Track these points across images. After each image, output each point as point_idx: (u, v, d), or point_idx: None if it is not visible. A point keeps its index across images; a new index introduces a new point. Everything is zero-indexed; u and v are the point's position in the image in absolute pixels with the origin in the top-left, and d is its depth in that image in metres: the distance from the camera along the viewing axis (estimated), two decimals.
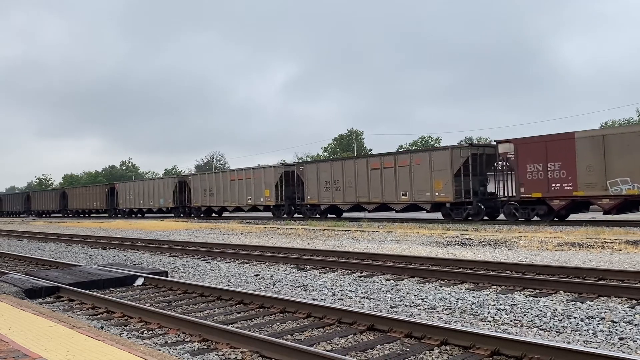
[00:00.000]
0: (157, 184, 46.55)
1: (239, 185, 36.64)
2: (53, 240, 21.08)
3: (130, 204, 49.13)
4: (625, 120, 70.45)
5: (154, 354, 4.54)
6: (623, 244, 12.89)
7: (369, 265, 10.25)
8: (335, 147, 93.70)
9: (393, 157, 27.04)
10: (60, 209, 60.91)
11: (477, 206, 23.82)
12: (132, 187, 49.45)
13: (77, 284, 8.83)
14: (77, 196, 58.32)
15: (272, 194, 34.11)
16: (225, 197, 37.89)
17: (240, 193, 36.50)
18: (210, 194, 39.31)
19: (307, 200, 31.60)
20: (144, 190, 47.31)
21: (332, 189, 30.07)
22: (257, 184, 35.07)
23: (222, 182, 38.16)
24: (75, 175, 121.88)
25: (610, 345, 5.06)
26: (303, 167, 32.63)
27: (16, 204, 72.50)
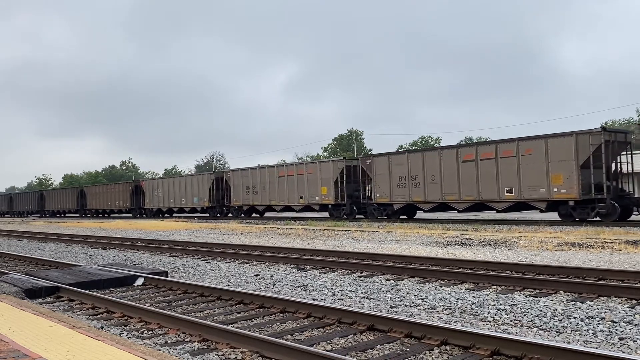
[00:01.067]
0: (190, 181, 42.51)
1: (288, 181, 32.87)
2: (53, 240, 21.08)
3: (158, 203, 45.53)
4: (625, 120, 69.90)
5: (154, 354, 4.54)
6: (623, 244, 12.89)
7: (369, 265, 10.25)
8: (335, 147, 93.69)
9: (494, 146, 22.97)
10: (78, 208, 57.73)
11: (611, 205, 19.78)
12: (162, 185, 45.63)
13: (77, 284, 8.83)
14: (97, 195, 55.03)
15: (330, 192, 30.25)
16: (272, 195, 34.20)
17: (290, 191, 32.75)
18: (254, 191, 35.56)
19: (375, 198, 27.68)
20: (174, 188, 43.61)
21: (408, 185, 25.99)
22: (312, 180, 31.28)
23: (268, 178, 34.46)
24: (75, 175, 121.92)
25: (610, 345, 5.06)
26: (370, 160, 28.41)
27: (29, 204, 68.85)
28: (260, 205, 35.59)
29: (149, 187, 47.14)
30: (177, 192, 43.29)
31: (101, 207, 53.89)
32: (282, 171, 33.95)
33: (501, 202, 22.66)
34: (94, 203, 54.96)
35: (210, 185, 39.74)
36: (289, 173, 33.19)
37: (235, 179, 37.57)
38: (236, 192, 37.40)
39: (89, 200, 55.89)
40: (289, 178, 33.02)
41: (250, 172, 36.57)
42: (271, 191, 34.24)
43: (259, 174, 35.52)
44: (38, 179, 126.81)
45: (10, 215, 73.28)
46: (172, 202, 43.77)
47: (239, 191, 37.14)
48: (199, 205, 41.07)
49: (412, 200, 26.05)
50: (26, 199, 70.44)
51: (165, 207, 44.93)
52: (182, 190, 42.70)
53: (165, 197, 44.68)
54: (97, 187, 57.33)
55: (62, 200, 60.70)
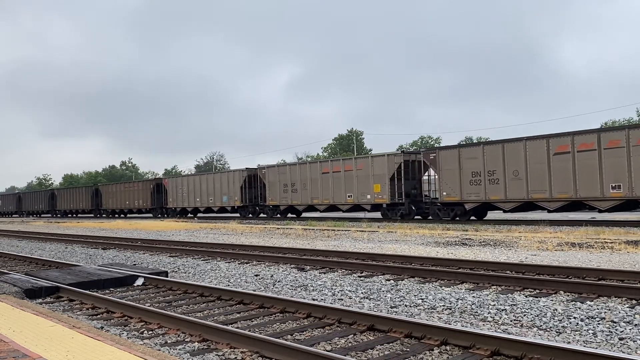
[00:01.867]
0: (219, 178, 38.97)
1: (334, 178, 29.72)
2: (53, 240, 21.08)
3: (182, 202, 42.27)
4: (625, 120, 69.92)
5: (154, 354, 4.54)
6: (623, 244, 12.89)
7: (369, 265, 10.25)
8: (335, 147, 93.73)
9: (596, 136, 19.93)
10: (92, 208, 54.83)
11: None
12: (186, 183, 42.16)
13: (77, 284, 8.83)
14: (114, 194, 51.65)
15: (384, 190, 27.00)
16: (314, 194, 31.01)
17: (336, 188, 29.65)
18: (293, 189, 32.28)
19: (441, 197, 24.88)
20: (201, 186, 40.25)
21: (483, 181, 22.93)
22: (363, 176, 28.17)
23: (310, 174, 31.25)
24: (75, 175, 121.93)
25: (610, 345, 5.06)
26: (435, 154, 25.17)
27: (39, 203, 65.40)
28: (300, 205, 32.31)
29: (172, 185, 43.70)
30: (204, 191, 39.97)
31: (118, 207, 50.77)
32: (326, 167, 30.60)
33: (605, 200, 19.82)
34: (111, 202, 51.93)
35: (242, 182, 36.60)
36: (334, 169, 29.93)
37: (271, 175, 34.26)
38: (272, 190, 34.13)
39: (105, 200, 52.93)
40: (334, 175, 29.82)
41: (288, 169, 33.40)
42: (313, 189, 31.05)
43: (299, 170, 32.34)
44: (38, 179, 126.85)
45: (19, 215, 70.24)
46: (199, 201, 40.48)
47: (275, 189, 33.91)
48: (228, 204, 37.80)
49: (489, 199, 22.80)
50: (36, 198, 67.08)
51: (190, 206, 41.68)
52: (210, 188, 39.34)
53: (191, 196, 41.38)
54: (114, 186, 53.86)
55: (76, 200, 57.81)
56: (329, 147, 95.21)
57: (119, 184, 55.42)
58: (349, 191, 29.02)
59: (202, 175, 42.09)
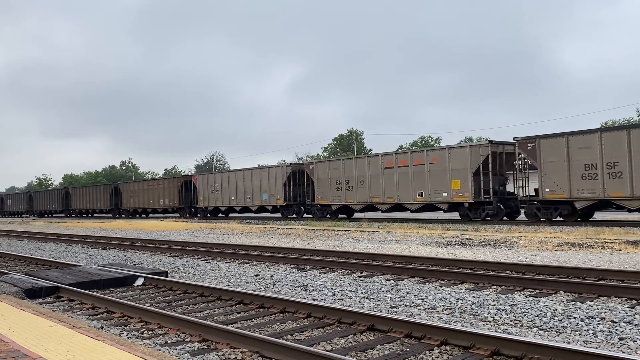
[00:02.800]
0: (258, 174, 35.35)
1: (399, 174, 26.16)
2: (53, 240, 21.08)
3: (214, 200, 38.69)
4: (625, 120, 70.24)
5: (154, 354, 4.54)
6: (623, 244, 12.89)
7: (369, 265, 10.25)
8: (335, 147, 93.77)
9: None
10: (111, 207, 51.29)
11: None
12: (220, 180, 38.42)
13: (77, 284, 8.83)
14: (134, 193, 48.04)
15: (466, 186, 23.44)
16: (374, 192, 27.32)
17: (402, 185, 26.01)
18: (348, 187, 28.68)
19: (544, 194, 20.86)
20: (237, 183, 36.57)
21: (601, 175, 19.23)
22: (437, 171, 24.61)
23: (369, 170, 27.62)
24: (76, 175, 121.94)
25: (610, 345, 5.06)
26: (534, 144, 21.18)
27: (52, 202, 61.47)
28: (356, 204, 28.56)
29: (204, 182, 39.87)
30: (240, 188, 36.20)
31: (140, 207, 47.10)
32: (390, 161, 26.75)
33: None
34: (131, 202, 48.29)
35: (285, 179, 33.00)
36: (400, 163, 26.22)
37: (321, 171, 30.56)
38: (322, 187, 30.40)
39: (125, 199, 49.21)
40: (400, 170, 26.16)
41: (342, 163, 29.55)
42: (373, 186, 27.34)
43: (356, 165, 28.55)
44: (38, 179, 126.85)
45: (31, 215, 66.29)
46: (234, 199, 36.76)
47: (325, 187, 30.18)
48: (269, 203, 34.26)
49: (608, 196, 19.31)
50: (49, 197, 63.05)
51: (224, 205, 37.95)
52: (248, 185, 35.57)
53: (225, 194, 37.66)
54: (136, 184, 50.06)
55: (92, 199, 54.23)
56: (329, 147, 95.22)
57: (141, 181, 51.82)
58: (419, 188, 25.35)
59: (239, 172, 37.59)
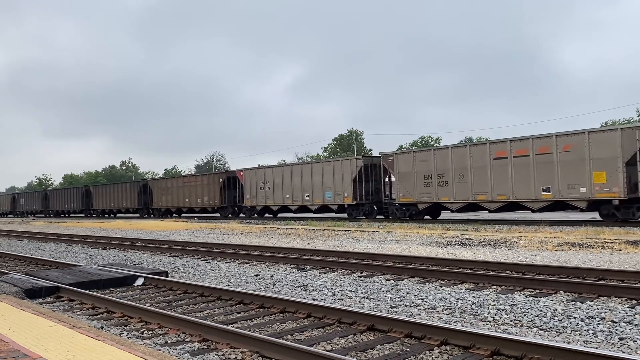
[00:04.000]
0: (320, 169, 30.79)
1: (515, 165, 21.57)
2: (53, 240, 21.08)
3: (264, 199, 34.57)
4: (625, 120, 70.50)
5: (154, 354, 4.54)
6: (623, 244, 12.89)
7: (369, 265, 10.25)
8: (335, 147, 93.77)
9: None
10: (139, 207, 47.17)
11: None
12: (271, 176, 34.15)
13: (77, 284, 8.83)
14: (167, 190, 43.72)
15: (615, 180, 18.85)
16: (478, 187, 22.80)
17: (519, 179, 21.42)
18: (442, 182, 24.23)
19: None
20: (292, 179, 32.38)
21: None
22: (571, 161, 19.95)
23: (471, 161, 23.11)
24: (76, 175, 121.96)
25: (610, 345, 5.06)
26: None
27: (69, 202, 57.51)
28: (453, 202, 24.07)
29: (251, 178, 35.62)
30: (297, 185, 32.07)
31: (174, 205, 43.12)
32: (502, 149, 22.16)
33: None
34: (163, 200, 44.10)
35: (355, 174, 28.58)
36: (517, 152, 21.64)
37: (403, 164, 26.05)
38: (405, 183, 25.80)
39: (156, 197, 45.03)
40: (517, 160, 21.55)
41: (433, 154, 24.83)
42: (477, 180, 22.91)
43: (453, 156, 23.98)
44: (38, 179, 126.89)
45: (45, 215, 62.36)
46: (289, 197, 32.75)
47: (409, 182, 25.55)
48: (333, 202, 29.94)
49: None
50: (67, 196, 58.75)
51: (276, 204, 33.84)
52: (307, 181, 31.43)
53: (277, 192, 33.60)
54: (169, 181, 45.52)
55: (116, 197, 50.21)
56: (329, 147, 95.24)
57: (176, 178, 46.33)
58: (545, 183, 20.81)
59: (296, 166, 33.84)
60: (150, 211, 46.78)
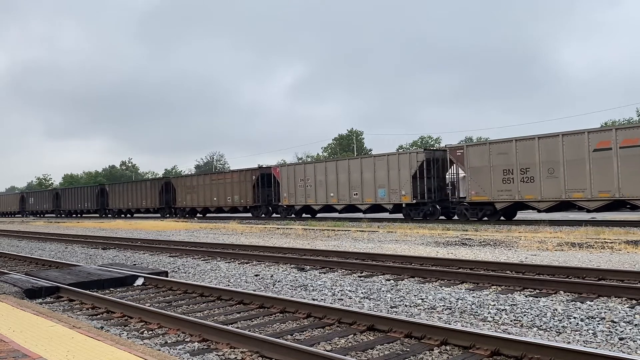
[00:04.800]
0: (371, 164, 27.51)
1: (622, 158, 18.59)
2: (53, 240, 21.08)
3: (304, 197, 31.54)
4: (625, 120, 70.40)
5: (154, 354, 4.54)
6: (623, 244, 12.89)
7: (369, 265, 10.25)
8: (335, 147, 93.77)
9: None
10: (160, 206, 44.22)
11: None
12: (312, 173, 31.01)
13: (77, 284, 8.83)
14: (193, 189, 40.97)
15: None
16: (572, 183, 19.91)
17: (628, 174, 18.45)
18: (526, 178, 21.00)
19: None
20: (337, 175, 29.31)
21: None
22: None
23: (563, 153, 20.07)
24: (76, 175, 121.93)
25: (610, 345, 5.06)
26: None
27: (83, 201, 54.62)
28: (541, 201, 20.97)
29: (289, 175, 32.65)
30: (343, 182, 29.00)
31: (200, 205, 40.38)
32: (605, 139, 19.12)
33: None
34: (188, 199, 41.34)
35: (415, 169, 25.26)
36: (624, 142, 18.66)
37: (475, 157, 22.63)
38: (477, 179, 22.53)
39: (180, 196, 42.12)
40: (624, 152, 18.53)
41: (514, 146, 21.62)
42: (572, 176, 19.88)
43: (540, 147, 20.67)
44: (38, 179, 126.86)
45: (57, 215, 59.73)
46: (333, 196, 29.65)
47: (483, 178, 22.26)
48: (388, 201, 26.70)
49: None
50: (80, 195, 55.93)
51: (319, 203, 30.63)
52: (356, 178, 28.20)
53: (320, 190, 30.43)
54: (194, 179, 42.34)
55: (134, 197, 47.37)
56: (329, 147, 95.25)
57: (202, 175, 42.77)
58: None
59: (342, 161, 30.30)
60: (173, 211, 43.75)
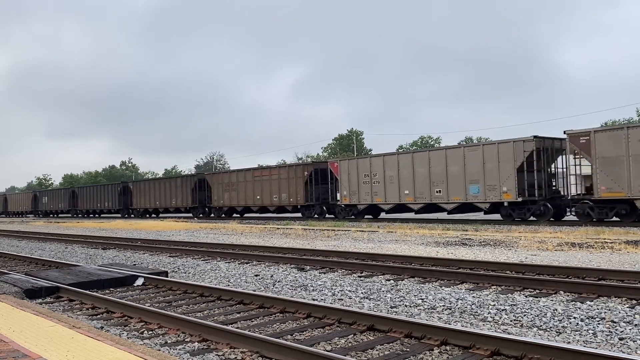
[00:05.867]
0: (459, 155, 23.73)
1: None
2: (53, 240, 21.08)
3: (373, 195, 27.28)
4: (625, 120, 70.43)
5: (154, 354, 4.54)
6: (623, 244, 12.88)
7: (369, 265, 10.25)
8: (335, 147, 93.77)
9: None
10: (193, 205, 40.86)
11: None
12: (380, 167, 26.83)
13: (77, 284, 8.83)
14: (232, 186, 36.85)
15: None
16: None
17: None
18: None
19: None
20: (414, 169, 25.27)
21: None
22: None
23: None
24: (76, 175, 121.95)
25: (610, 345, 5.06)
26: None
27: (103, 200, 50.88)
28: None
29: (350, 170, 28.65)
30: (421, 177, 25.04)
31: (240, 203, 36.34)
32: None
33: None
34: (226, 198, 37.54)
35: (521, 161, 21.58)
36: None
37: (607, 145, 19.23)
38: (607, 170, 19.20)
39: (216, 194, 38.45)
40: None
41: None
42: None
43: None
44: (38, 179, 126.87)
45: (73, 215, 56.07)
46: (408, 193, 25.62)
47: (617, 170, 19.00)
48: (483, 199, 22.96)
49: None
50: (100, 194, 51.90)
51: (389, 202, 26.69)
52: (439, 171, 24.38)
53: (389, 186, 26.40)
54: (234, 175, 37.77)
55: (161, 195, 43.93)
56: (329, 147, 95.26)
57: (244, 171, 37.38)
58: None
59: (419, 153, 26.50)
60: (208, 210, 40.42)
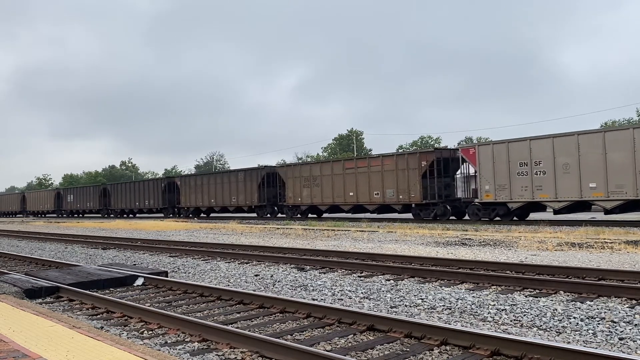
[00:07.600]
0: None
1: None
2: (53, 240, 21.07)
3: (534, 190, 20.89)
4: (625, 121, 70.69)
5: (154, 354, 4.54)
6: (623, 244, 12.88)
7: (369, 265, 10.25)
8: (335, 147, 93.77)
9: None
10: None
11: None
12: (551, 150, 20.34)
13: (77, 284, 8.83)
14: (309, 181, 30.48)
15: None
16: None
17: None
18: None
19: None
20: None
21: None
22: None
23: None
24: (76, 175, 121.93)
25: (610, 345, 5.06)
26: None
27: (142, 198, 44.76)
28: None
29: (495, 156, 22.01)
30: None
31: (325, 201, 29.44)
32: None
33: None
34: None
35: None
36: None
37: None
38: None
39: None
40: None
41: None
42: None
43: None
44: (38, 179, 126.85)
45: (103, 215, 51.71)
46: (595, 187, 19.25)
47: None
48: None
49: None
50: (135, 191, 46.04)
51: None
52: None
53: (565, 177, 19.93)
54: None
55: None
56: (329, 147, 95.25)
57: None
58: None
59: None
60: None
